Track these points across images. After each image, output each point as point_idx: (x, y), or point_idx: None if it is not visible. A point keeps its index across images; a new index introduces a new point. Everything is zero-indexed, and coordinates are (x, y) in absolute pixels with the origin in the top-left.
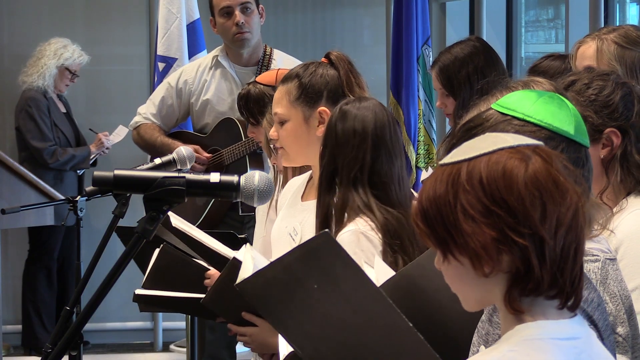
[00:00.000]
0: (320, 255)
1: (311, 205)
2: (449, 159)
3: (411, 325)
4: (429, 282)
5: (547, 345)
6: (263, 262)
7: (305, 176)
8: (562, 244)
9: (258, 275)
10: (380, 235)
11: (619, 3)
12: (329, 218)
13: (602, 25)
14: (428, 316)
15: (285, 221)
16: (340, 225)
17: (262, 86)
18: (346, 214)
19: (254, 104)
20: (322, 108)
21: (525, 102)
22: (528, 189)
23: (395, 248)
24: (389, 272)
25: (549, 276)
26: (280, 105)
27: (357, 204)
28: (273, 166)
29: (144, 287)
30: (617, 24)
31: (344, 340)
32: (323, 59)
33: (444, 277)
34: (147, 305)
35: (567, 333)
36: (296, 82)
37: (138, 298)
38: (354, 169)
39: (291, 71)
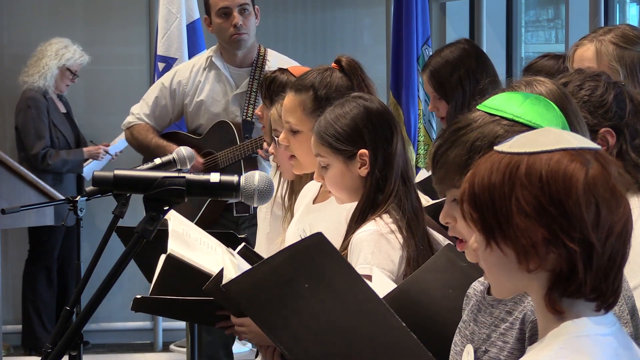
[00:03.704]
0: (312, 255)
1: (321, 207)
2: (508, 148)
3: (404, 325)
4: (427, 296)
5: (593, 342)
6: (246, 266)
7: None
8: (610, 252)
9: (246, 275)
10: (400, 237)
11: (619, 3)
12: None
13: (603, 26)
14: (427, 329)
15: (298, 223)
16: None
17: (290, 76)
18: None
19: (277, 87)
20: None
21: (512, 103)
22: (586, 194)
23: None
24: (388, 284)
25: (592, 282)
26: (293, 115)
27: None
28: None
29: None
30: (617, 24)
31: (334, 341)
32: (334, 65)
33: (441, 290)
34: (147, 311)
35: (605, 330)
36: (311, 94)
37: (137, 305)
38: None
39: (305, 79)
